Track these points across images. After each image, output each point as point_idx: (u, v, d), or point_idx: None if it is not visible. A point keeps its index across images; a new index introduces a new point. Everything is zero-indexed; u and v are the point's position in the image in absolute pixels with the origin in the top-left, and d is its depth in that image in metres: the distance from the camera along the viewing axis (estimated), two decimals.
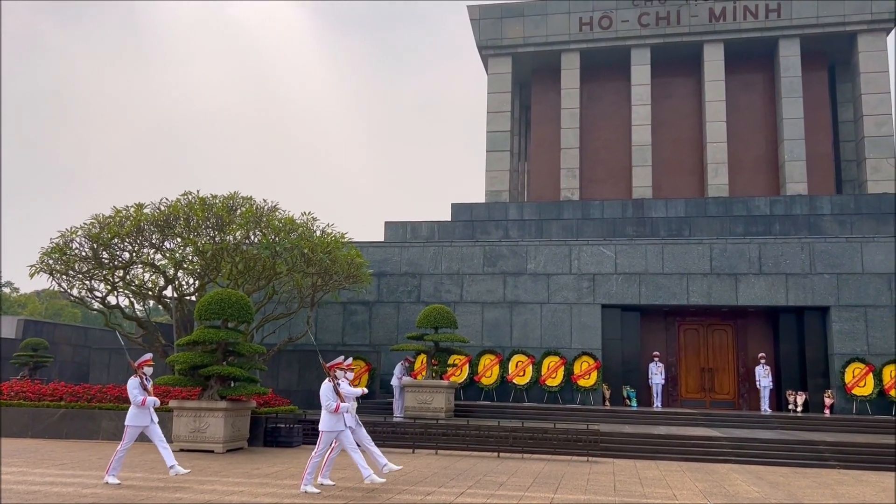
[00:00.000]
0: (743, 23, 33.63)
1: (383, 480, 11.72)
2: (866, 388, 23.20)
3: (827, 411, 23.49)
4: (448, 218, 33.95)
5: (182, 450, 16.51)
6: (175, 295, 22.34)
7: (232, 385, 17.51)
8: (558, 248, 26.41)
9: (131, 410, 12.01)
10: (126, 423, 11.97)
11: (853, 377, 23.38)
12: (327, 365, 11.91)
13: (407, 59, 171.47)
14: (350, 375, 12.26)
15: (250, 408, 17.81)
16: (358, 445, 11.84)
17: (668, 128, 35.55)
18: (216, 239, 21.28)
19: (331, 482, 11.83)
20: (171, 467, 11.80)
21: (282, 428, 18.16)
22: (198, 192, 21.57)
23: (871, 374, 23.26)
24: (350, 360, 12.38)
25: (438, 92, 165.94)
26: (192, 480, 12.05)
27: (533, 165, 37.36)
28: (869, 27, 32.65)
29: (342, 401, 11.45)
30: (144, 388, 12.07)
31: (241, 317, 17.51)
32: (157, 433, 12.07)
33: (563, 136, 35.09)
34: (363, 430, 12.33)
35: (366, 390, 12.89)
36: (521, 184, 41.99)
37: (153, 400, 11.99)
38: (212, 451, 16.30)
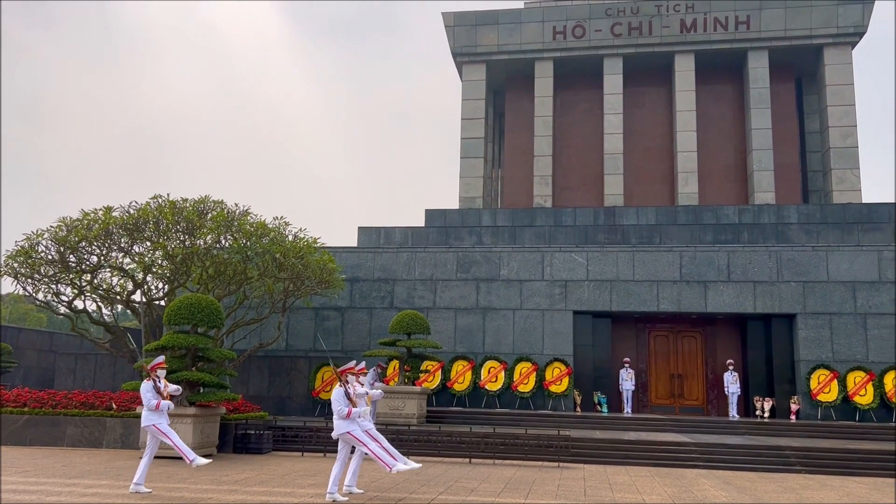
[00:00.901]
0: (713, 34, 34.17)
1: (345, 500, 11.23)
2: (831, 395, 23.62)
3: (793, 417, 23.88)
4: (422, 224, 33.95)
5: None
6: (144, 299, 22.04)
7: (201, 391, 17.32)
8: (531, 255, 26.55)
9: (145, 413, 11.73)
10: (151, 423, 11.63)
11: (818, 383, 23.80)
12: (339, 370, 11.77)
13: (381, 64, 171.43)
14: (363, 381, 12.03)
15: (220, 414, 17.61)
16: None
17: (640, 137, 35.95)
18: (186, 243, 21.05)
19: (359, 490, 11.69)
20: (192, 461, 11.68)
21: (252, 434, 17.99)
22: (168, 195, 21.35)
23: (835, 381, 23.70)
24: (363, 364, 12.22)
25: (413, 98, 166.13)
26: (160, 487, 11.88)
27: (506, 172, 37.53)
28: (834, 41, 33.37)
29: (354, 405, 11.31)
30: (158, 392, 11.84)
31: (211, 322, 17.33)
32: (157, 443, 11.91)
33: (536, 143, 35.32)
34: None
35: (382, 392, 12.74)
36: (495, 190, 42.16)
37: (167, 403, 11.77)
38: (180, 458, 16.07)
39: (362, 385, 11.85)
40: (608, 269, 25.98)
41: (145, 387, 11.85)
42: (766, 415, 24.23)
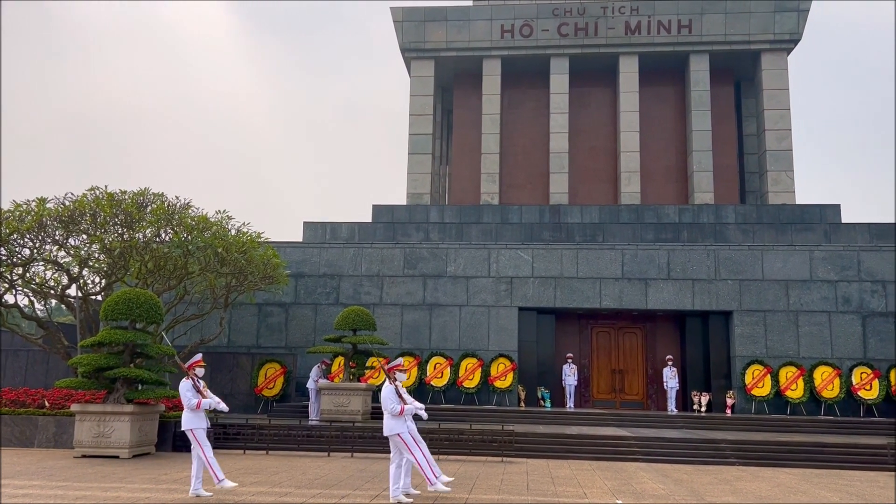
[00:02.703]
0: (656, 37, 34.90)
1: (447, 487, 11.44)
2: (764, 389, 24.45)
3: (728, 411, 24.64)
4: (369, 219, 33.80)
5: (84, 456, 15.81)
6: (79, 294, 21.35)
7: (140, 388, 16.90)
8: (478, 252, 26.71)
9: (186, 414, 11.27)
10: (189, 428, 11.17)
11: (753, 378, 24.60)
12: (387, 367, 11.53)
13: (328, 59, 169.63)
14: (404, 377, 11.82)
15: (159, 411, 17.23)
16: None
17: (585, 136, 36.49)
18: (125, 236, 20.48)
19: (415, 491, 11.51)
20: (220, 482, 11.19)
21: None
22: (106, 187, 20.72)
23: (768, 376, 24.53)
24: (400, 360, 12.04)
25: (360, 93, 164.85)
26: (95, 487, 11.55)
27: (454, 169, 37.64)
28: (771, 46, 34.47)
29: (405, 403, 11.13)
30: (197, 391, 11.40)
31: (150, 317, 16.92)
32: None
33: (483, 141, 35.51)
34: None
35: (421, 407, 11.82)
36: (443, 187, 42.22)
37: (208, 402, 11.32)
38: (117, 457, 15.67)
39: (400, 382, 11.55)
40: (553, 266, 26.33)
41: (185, 385, 11.34)
42: (703, 409, 24.94)
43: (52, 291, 21.27)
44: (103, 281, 21.51)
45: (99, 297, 22.14)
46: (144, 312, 16.74)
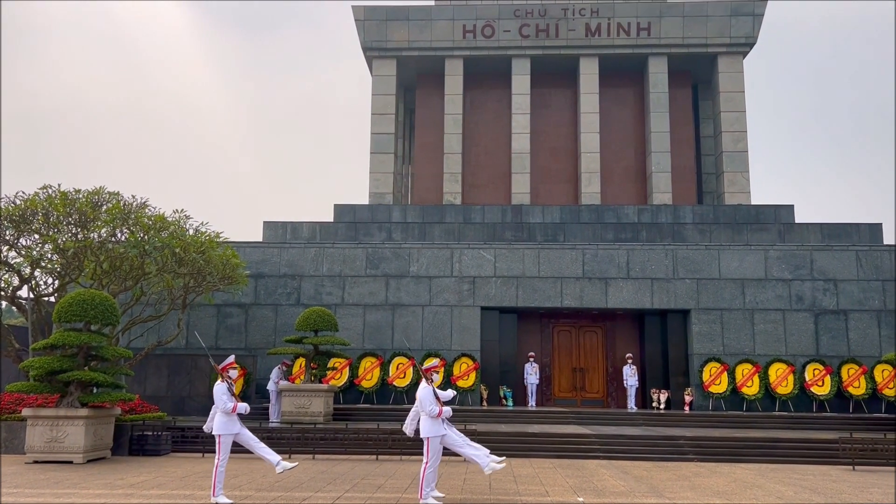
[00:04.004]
0: (616, 39, 35.31)
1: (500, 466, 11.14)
2: (721, 386, 24.92)
3: (687, 408, 25.07)
4: (330, 219, 33.53)
5: (36, 461, 15.38)
6: (32, 295, 20.77)
7: (94, 391, 16.51)
8: (440, 252, 26.71)
9: (219, 418, 10.91)
10: (216, 433, 10.87)
11: (710, 376, 25.06)
12: (423, 368, 11.35)
13: (290, 58, 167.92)
14: (436, 377, 11.62)
15: (114, 415, 16.85)
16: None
17: (546, 137, 36.75)
18: (79, 236, 19.98)
19: (440, 493, 11.32)
20: (277, 464, 10.95)
21: (149, 436, 17.30)
22: (59, 186, 20.19)
23: (725, 373, 25.01)
24: (436, 361, 11.78)
25: (322, 91, 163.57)
26: (48, 493, 11.24)
27: (417, 169, 37.58)
28: (728, 49, 35.15)
29: (442, 404, 10.96)
30: (232, 394, 11.03)
31: (105, 319, 16.53)
32: (249, 436, 11.18)
33: (446, 140, 35.52)
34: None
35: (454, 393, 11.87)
36: (405, 186, 42.12)
37: (244, 406, 10.99)
38: (70, 462, 15.29)
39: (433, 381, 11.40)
40: (515, 265, 26.47)
41: (220, 388, 10.98)
42: (662, 406, 25.32)
43: (3, 293, 20.66)
44: (56, 282, 20.97)
45: (52, 299, 21.57)
46: (100, 314, 16.35)
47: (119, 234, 20.43)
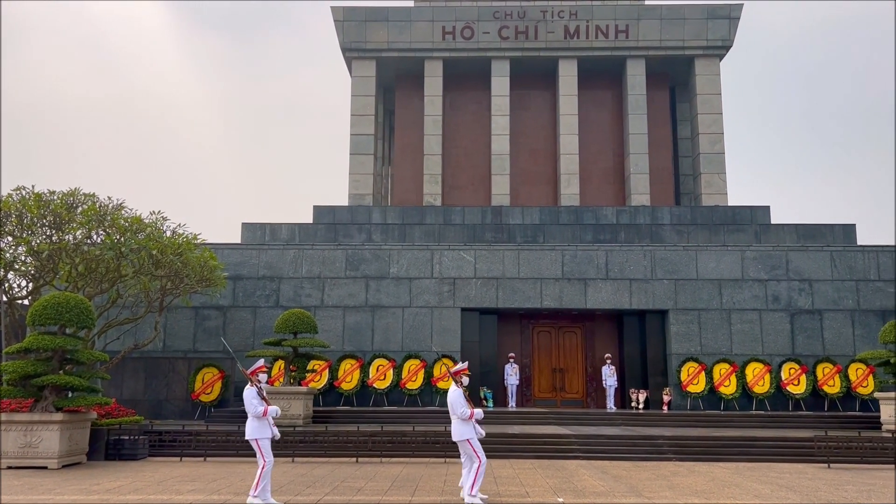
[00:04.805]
0: (595, 41, 35.51)
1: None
2: (699, 386, 25.15)
3: (665, 408, 25.26)
4: (310, 220, 33.35)
5: (10, 467, 15.14)
6: (5, 298, 20.45)
7: (69, 395, 16.28)
8: (420, 253, 26.69)
9: (252, 423, 10.74)
10: (253, 438, 10.69)
11: (688, 375, 25.27)
12: (452, 371, 11.25)
13: (269, 58, 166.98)
14: (466, 381, 11.53)
15: (90, 419, 16.64)
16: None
17: (526, 138, 36.86)
18: (53, 238, 19.71)
19: (484, 495, 11.22)
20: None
21: (125, 440, 17.10)
22: (33, 187, 19.92)
23: (703, 373, 25.24)
24: (465, 364, 11.70)
25: (301, 92, 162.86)
26: (22, 499, 11.07)
27: (396, 170, 37.53)
28: (704, 52, 35.49)
29: (473, 407, 10.86)
30: (262, 398, 10.86)
31: (81, 322, 16.32)
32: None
33: (426, 142, 35.50)
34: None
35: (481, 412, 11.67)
36: (385, 188, 42.02)
37: (275, 409, 10.86)
38: (45, 468, 15.07)
39: (463, 385, 11.34)
40: (495, 267, 26.52)
41: (250, 393, 10.84)
42: (641, 406, 25.49)
43: None
44: (30, 285, 20.67)
45: (26, 302, 21.26)
46: (75, 317, 16.14)
47: (95, 236, 20.18)
